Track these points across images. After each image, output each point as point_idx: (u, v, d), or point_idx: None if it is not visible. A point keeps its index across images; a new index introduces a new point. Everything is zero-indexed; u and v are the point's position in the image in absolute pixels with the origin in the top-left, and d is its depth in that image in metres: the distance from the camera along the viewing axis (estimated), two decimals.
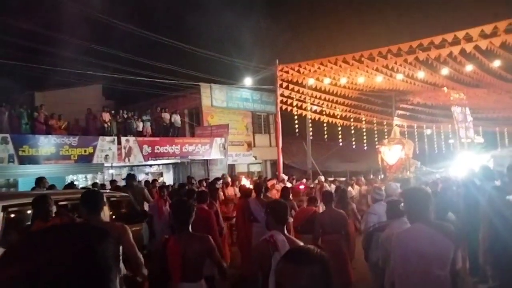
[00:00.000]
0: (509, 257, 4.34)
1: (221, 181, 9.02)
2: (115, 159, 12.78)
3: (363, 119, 18.99)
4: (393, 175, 12.32)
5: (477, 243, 5.31)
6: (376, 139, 18.97)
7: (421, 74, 12.73)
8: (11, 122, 12.44)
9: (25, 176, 11.16)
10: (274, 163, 20.43)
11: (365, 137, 19.46)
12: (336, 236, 5.09)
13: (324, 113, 17.88)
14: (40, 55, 14.92)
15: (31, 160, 10.76)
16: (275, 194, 8.30)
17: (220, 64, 19.64)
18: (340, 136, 18.85)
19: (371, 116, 19.26)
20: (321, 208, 6.73)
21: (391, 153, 13.71)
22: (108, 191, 6.31)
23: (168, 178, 18.24)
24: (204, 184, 9.02)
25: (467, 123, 19.52)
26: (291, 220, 6.51)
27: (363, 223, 5.26)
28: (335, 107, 17.62)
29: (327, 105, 17.40)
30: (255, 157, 21.50)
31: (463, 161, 13.04)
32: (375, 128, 19.88)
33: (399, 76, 13.23)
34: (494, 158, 11.54)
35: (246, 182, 9.76)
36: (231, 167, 21.04)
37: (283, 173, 20.11)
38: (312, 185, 12.60)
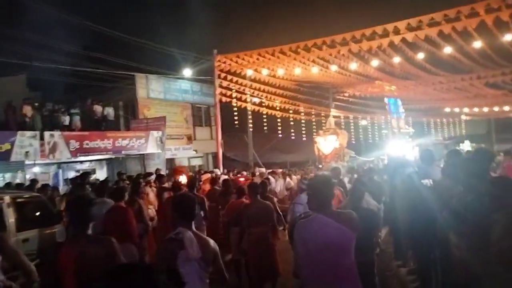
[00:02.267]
0: (425, 240, 4.49)
1: (153, 176, 8.58)
2: (38, 156, 11.71)
3: (302, 110, 19.29)
4: (328, 164, 12.63)
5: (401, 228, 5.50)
6: (314, 130, 19.38)
7: (353, 65, 13.10)
8: None
9: None
10: (216, 156, 20.14)
11: (303, 129, 19.79)
12: (263, 228, 4.98)
13: (264, 105, 17.88)
14: None
15: None
16: (205, 188, 8.05)
17: (158, 55, 18.87)
18: (280, 128, 18.99)
19: (309, 107, 19.62)
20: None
21: (326, 143, 14.06)
22: (14, 191, 5.64)
23: (101, 175, 17.21)
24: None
25: (398, 114, 20.63)
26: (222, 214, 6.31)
27: (290, 213, 5.20)
28: (274, 99, 17.67)
29: (267, 97, 17.40)
30: (196, 151, 21.05)
31: (393, 150, 13.70)
32: (314, 120, 20.30)
33: (334, 68, 13.51)
34: (419, 146, 12.24)
35: (183, 177, 9.38)
36: (171, 162, 20.40)
37: (225, 166, 19.91)
38: (254, 178, 12.51)
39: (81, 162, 16.48)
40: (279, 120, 18.56)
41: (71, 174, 16.67)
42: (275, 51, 12.88)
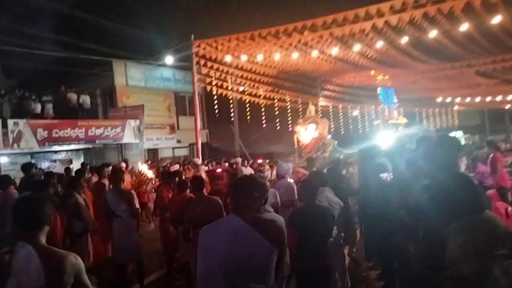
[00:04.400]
0: (386, 245, 3.91)
1: (110, 167, 7.93)
2: (0, 145, 11.08)
3: (288, 99, 18.63)
4: (308, 155, 12.03)
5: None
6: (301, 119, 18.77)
7: (335, 50, 12.44)
8: None
9: None
10: (202, 146, 19.47)
11: (290, 118, 19.17)
12: None
13: (247, 93, 17.21)
14: None
15: None
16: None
17: (136, 41, 18.14)
18: (264, 118, 18.36)
19: (296, 96, 18.95)
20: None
21: (306, 133, 13.44)
22: None
23: (78, 166, 16.57)
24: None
25: (391, 105, 19.90)
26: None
27: None
28: (258, 87, 16.99)
29: (250, 85, 16.71)
30: (179, 141, 20.40)
31: (380, 141, 13.09)
32: (300, 109, 19.65)
33: (315, 53, 12.85)
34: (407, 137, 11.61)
35: (145, 169, 8.75)
36: (154, 152, 19.80)
37: (211, 157, 19.33)
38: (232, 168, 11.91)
39: (55, 152, 15.82)
40: (263, 109, 17.92)
41: (45, 165, 16.02)
42: (255, 36, 12.19)
